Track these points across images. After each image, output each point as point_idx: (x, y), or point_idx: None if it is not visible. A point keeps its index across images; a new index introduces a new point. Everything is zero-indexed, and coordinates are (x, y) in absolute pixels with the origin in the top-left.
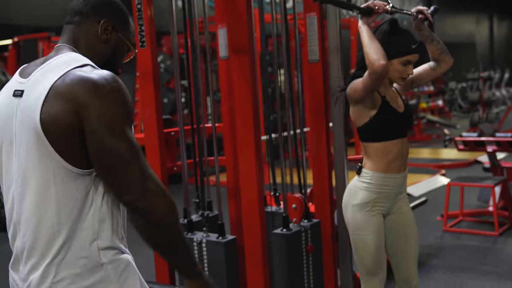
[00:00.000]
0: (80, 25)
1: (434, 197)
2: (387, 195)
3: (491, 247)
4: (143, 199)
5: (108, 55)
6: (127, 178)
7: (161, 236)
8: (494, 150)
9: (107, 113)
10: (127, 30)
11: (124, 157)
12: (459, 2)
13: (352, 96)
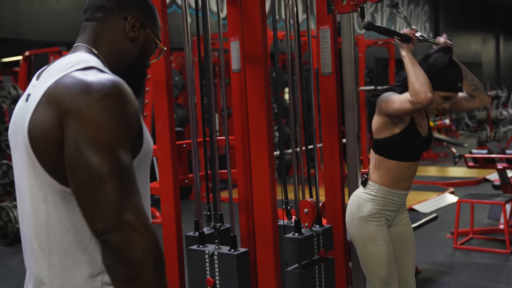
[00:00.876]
0: (103, 22)
1: (443, 215)
2: (391, 207)
3: (503, 265)
4: (116, 232)
5: (135, 55)
6: (99, 200)
7: (133, 284)
8: (505, 167)
9: (93, 122)
10: (155, 26)
11: (98, 174)
12: (465, 22)
13: (383, 108)
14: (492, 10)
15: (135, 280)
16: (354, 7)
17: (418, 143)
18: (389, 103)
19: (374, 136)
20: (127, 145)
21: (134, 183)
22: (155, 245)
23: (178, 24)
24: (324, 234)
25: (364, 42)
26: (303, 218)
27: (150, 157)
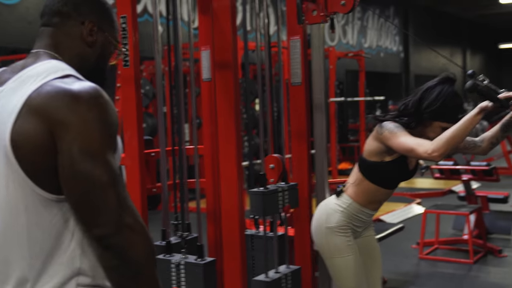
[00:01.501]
0: (61, 27)
1: (409, 225)
2: (358, 223)
3: (467, 275)
4: (118, 235)
5: (95, 59)
6: (101, 208)
7: (134, 282)
8: (469, 179)
9: (86, 132)
10: (112, 27)
11: (99, 183)
12: (434, 36)
13: (385, 137)
14: (459, 25)
15: (139, 277)
16: (324, 18)
17: (403, 175)
18: (394, 137)
19: (364, 155)
20: (112, 150)
21: (125, 187)
22: (150, 242)
23: (150, 33)
24: (289, 190)
25: (335, 54)
26: (269, 173)
27: (119, 157)
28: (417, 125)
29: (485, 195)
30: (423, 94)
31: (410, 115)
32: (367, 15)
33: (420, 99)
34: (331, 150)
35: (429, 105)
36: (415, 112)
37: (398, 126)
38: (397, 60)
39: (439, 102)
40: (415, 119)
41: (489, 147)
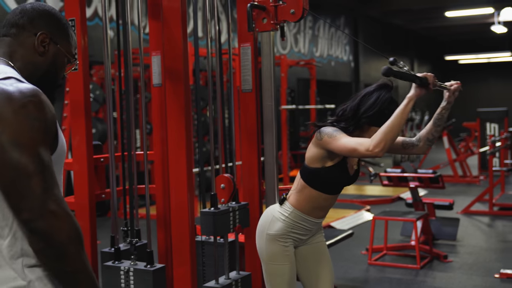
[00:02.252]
0: (17, 37)
1: (359, 232)
2: (301, 231)
3: (413, 280)
4: (42, 220)
5: (46, 67)
6: (26, 194)
7: (61, 262)
8: (416, 186)
9: (16, 127)
10: (67, 42)
11: (25, 172)
12: (382, 46)
13: (325, 142)
14: (407, 37)
15: (62, 258)
16: (274, 26)
17: (344, 180)
18: (334, 140)
19: (306, 162)
20: (47, 145)
21: (54, 177)
22: (75, 227)
23: (101, 37)
24: (240, 210)
25: (286, 62)
26: (219, 193)
27: (64, 154)
28: (354, 130)
29: (432, 202)
30: (361, 99)
31: (347, 120)
32: (318, 25)
33: (358, 104)
34: (282, 157)
35: (366, 110)
36: (352, 117)
37: (337, 129)
38: (347, 69)
39: (377, 107)
40: (353, 124)
41: (427, 144)
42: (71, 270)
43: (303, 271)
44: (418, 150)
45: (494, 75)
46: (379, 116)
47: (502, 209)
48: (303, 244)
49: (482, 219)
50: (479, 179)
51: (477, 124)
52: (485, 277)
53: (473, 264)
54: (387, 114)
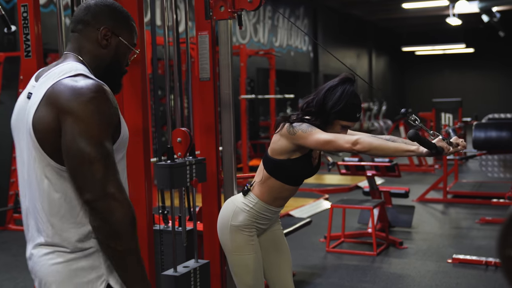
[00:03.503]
0: (83, 33)
1: (318, 220)
2: (263, 221)
3: (370, 266)
4: (101, 201)
5: (110, 59)
6: (89, 177)
7: (114, 240)
8: (373, 175)
9: (83, 119)
10: (127, 33)
11: (89, 158)
12: (341, 37)
13: (298, 138)
14: (366, 28)
15: (115, 236)
16: (231, 14)
17: (307, 171)
18: (310, 135)
19: (270, 153)
20: (109, 136)
21: (114, 164)
22: (130, 211)
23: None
24: (197, 164)
25: (246, 51)
26: (176, 147)
27: (126, 142)
28: (324, 125)
29: (388, 190)
30: (326, 94)
31: (315, 115)
32: (277, 15)
33: (324, 99)
34: (242, 147)
35: (333, 106)
36: (319, 112)
37: (310, 125)
38: (307, 59)
39: (343, 102)
40: (322, 120)
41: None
42: (122, 249)
43: (263, 260)
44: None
45: (449, 67)
46: (344, 110)
47: (456, 196)
48: (262, 233)
49: (437, 206)
50: (434, 168)
51: (432, 114)
52: (438, 262)
53: (427, 250)
54: (352, 108)
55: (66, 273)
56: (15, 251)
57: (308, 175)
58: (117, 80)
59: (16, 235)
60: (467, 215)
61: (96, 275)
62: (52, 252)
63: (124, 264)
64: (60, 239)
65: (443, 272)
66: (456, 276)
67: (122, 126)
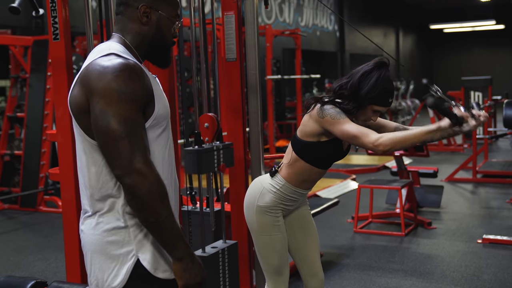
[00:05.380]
0: (124, 13)
1: (345, 201)
2: (290, 202)
3: (398, 247)
4: (128, 176)
5: (152, 34)
6: (116, 154)
7: (144, 212)
8: (401, 154)
9: (106, 98)
10: (167, 5)
11: (114, 135)
12: (368, 16)
13: (327, 123)
14: (392, 6)
15: (144, 209)
16: None
17: (337, 155)
18: (337, 123)
19: (299, 135)
20: (135, 112)
21: (141, 140)
22: (158, 184)
23: (83, 7)
24: (224, 149)
25: (271, 31)
26: (203, 132)
27: (165, 118)
28: (357, 111)
29: (416, 170)
30: (361, 79)
31: (347, 98)
32: None
33: (359, 83)
34: (268, 128)
35: (369, 91)
36: (353, 97)
37: (340, 112)
38: (333, 39)
39: (379, 88)
40: (356, 105)
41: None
42: (153, 220)
43: (290, 240)
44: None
45: (478, 44)
46: (379, 96)
47: (485, 176)
48: (290, 213)
49: (466, 186)
50: (463, 147)
51: (461, 92)
52: (468, 242)
53: (456, 230)
54: (386, 93)
55: (100, 244)
56: (46, 232)
57: (338, 158)
58: (164, 54)
59: (47, 217)
60: (497, 195)
61: (126, 250)
62: (91, 223)
63: (158, 232)
64: (97, 212)
65: (473, 252)
66: (486, 257)
67: (157, 101)
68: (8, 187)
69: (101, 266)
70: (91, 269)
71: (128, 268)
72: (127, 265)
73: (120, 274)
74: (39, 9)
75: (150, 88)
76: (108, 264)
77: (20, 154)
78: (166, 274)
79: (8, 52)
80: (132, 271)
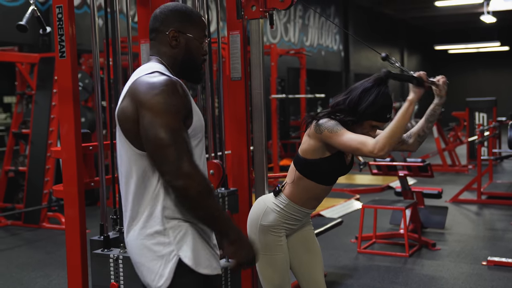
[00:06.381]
0: (157, 39)
1: (349, 221)
2: (294, 222)
3: (402, 267)
4: (177, 180)
5: (182, 56)
6: (164, 161)
7: (197, 210)
8: (405, 175)
9: (154, 110)
10: (194, 28)
11: (161, 144)
12: (373, 35)
13: (325, 136)
14: (397, 27)
15: (195, 208)
16: (263, 14)
17: (341, 170)
18: (336, 135)
19: (300, 154)
20: (179, 123)
21: (187, 146)
22: (203, 184)
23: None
24: (229, 196)
25: (276, 51)
26: (209, 179)
27: (200, 129)
28: (353, 124)
29: (421, 191)
30: (361, 95)
31: (346, 113)
32: (308, 14)
33: (359, 100)
34: (272, 147)
35: (368, 106)
36: (351, 112)
37: (337, 123)
38: (337, 58)
39: (379, 104)
40: (353, 120)
41: (418, 141)
42: (206, 215)
43: (294, 260)
44: (409, 147)
45: (483, 65)
46: (379, 111)
47: (490, 197)
48: (293, 233)
49: (470, 207)
50: (468, 168)
51: (466, 113)
52: (472, 264)
53: (461, 252)
54: (384, 109)
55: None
56: (49, 249)
57: (342, 173)
58: (196, 72)
59: (50, 233)
60: (502, 217)
61: (168, 250)
62: (135, 231)
63: (212, 224)
64: (138, 217)
65: (478, 274)
66: (491, 279)
67: (194, 114)
68: (11, 203)
69: (148, 268)
70: (142, 274)
71: (171, 267)
72: (170, 264)
73: (165, 273)
74: (46, 27)
75: (189, 102)
76: (153, 265)
77: (24, 170)
78: (207, 270)
79: (15, 69)
80: (176, 268)
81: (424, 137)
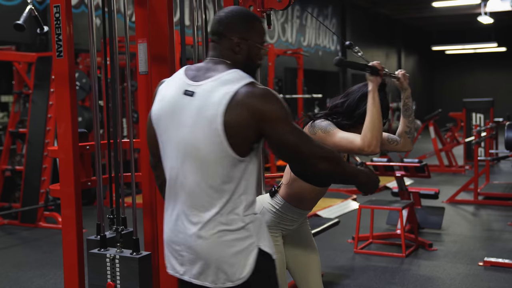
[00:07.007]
0: (220, 42)
1: (345, 221)
2: (289, 223)
3: (399, 268)
4: (319, 165)
5: (244, 61)
6: (304, 158)
7: (340, 176)
8: (402, 175)
9: (278, 119)
10: (255, 34)
11: (297, 146)
12: (370, 37)
13: (319, 137)
14: (395, 27)
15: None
16: (260, 14)
17: None
18: (328, 136)
19: None
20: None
21: (307, 136)
22: (333, 156)
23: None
24: None
25: (273, 51)
26: None
27: None
28: (349, 127)
29: (417, 191)
30: (359, 100)
31: (341, 115)
32: (306, 14)
33: (356, 105)
34: None
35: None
36: (348, 115)
37: (330, 123)
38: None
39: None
40: (349, 123)
41: (408, 138)
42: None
43: (291, 260)
44: (403, 146)
45: (480, 66)
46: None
47: (487, 198)
48: (290, 233)
49: (467, 208)
50: (465, 169)
51: (463, 114)
52: (469, 265)
53: (457, 252)
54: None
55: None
56: (45, 248)
57: None
58: (252, 75)
59: (47, 233)
60: (499, 217)
61: (249, 243)
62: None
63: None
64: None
65: (474, 275)
66: (488, 280)
67: None
68: (8, 203)
69: (230, 263)
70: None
71: (253, 258)
72: (251, 254)
73: (248, 264)
74: (43, 26)
75: None
76: (235, 259)
77: (21, 169)
78: (275, 256)
79: (12, 68)
80: (257, 258)
81: (412, 132)
